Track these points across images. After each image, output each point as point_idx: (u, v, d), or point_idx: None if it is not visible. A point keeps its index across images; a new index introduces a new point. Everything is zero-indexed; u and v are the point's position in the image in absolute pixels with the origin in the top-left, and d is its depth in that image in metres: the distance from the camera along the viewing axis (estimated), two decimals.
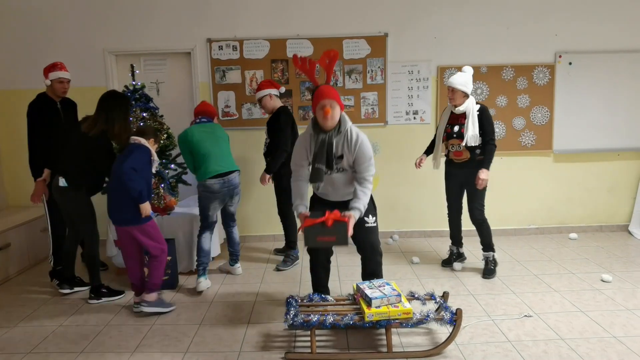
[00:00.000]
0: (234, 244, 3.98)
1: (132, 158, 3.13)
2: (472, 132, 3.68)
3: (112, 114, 3.34)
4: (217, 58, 4.76)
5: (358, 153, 2.82)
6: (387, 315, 2.63)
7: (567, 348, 2.73)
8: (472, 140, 3.68)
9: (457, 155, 3.81)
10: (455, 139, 3.78)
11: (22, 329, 3.14)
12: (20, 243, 4.20)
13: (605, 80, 4.85)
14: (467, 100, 3.72)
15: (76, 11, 4.70)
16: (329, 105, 2.72)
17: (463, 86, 3.66)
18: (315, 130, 2.85)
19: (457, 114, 3.77)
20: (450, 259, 4.13)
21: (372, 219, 3.00)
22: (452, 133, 3.80)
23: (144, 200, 3.15)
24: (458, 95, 3.69)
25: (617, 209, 5.10)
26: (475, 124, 3.68)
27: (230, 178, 3.68)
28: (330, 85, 2.84)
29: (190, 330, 3.07)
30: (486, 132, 3.70)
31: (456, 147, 3.79)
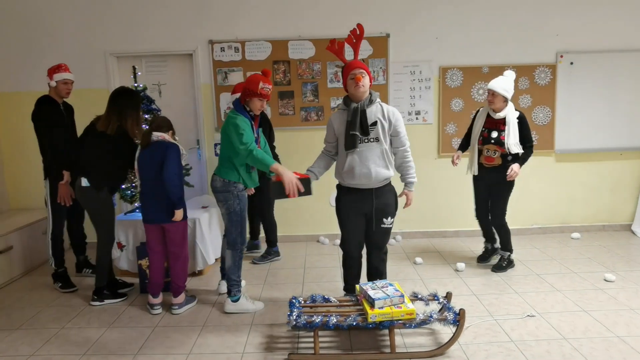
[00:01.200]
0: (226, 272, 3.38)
1: (171, 161, 3.15)
2: (513, 140, 3.67)
3: (124, 109, 3.36)
4: (219, 59, 4.77)
5: (395, 122, 2.93)
6: (390, 316, 2.62)
7: (570, 348, 2.73)
8: (515, 148, 3.68)
9: (488, 161, 3.81)
10: (492, 145, 3.76)
11: (24, 332, 3.14)
12: (22, 245, 4.21)
13: (607, 79, 4.84)
14: (506, 106, 3.70)
15: (78, 13, 4.71)
16: (359, 73, 2.83)
17: (504, 91, 3.63)
18: (347, 104, 2.94)
19: (496, 119, 3.74)
20: (485, 255, 4.17)
21: (389, 220, 3.03)
22: (489, 138, 3.77)
23: (181, 206, 3.21)
24: (498, 99, 3.67)
25: (620, 208, 5.09)
26: (515, 131, 3.68)
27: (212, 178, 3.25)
28: (358, 60, 2.96)
29: (193, 332, 3.07)
30: (526, 139, 3.74)
31: (491, 152, 3.77)
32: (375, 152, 2.88)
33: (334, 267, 4.17)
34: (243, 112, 3.11)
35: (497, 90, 3.63)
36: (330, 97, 4.82)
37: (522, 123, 3.72)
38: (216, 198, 3.23)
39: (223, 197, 3.18)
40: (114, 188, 3.55)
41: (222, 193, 3.18)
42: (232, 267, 3.28)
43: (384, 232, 3.04)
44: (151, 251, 3.34)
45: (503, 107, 3.70)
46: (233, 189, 3.16)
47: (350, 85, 2.89)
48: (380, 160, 2.89)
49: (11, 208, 4.97)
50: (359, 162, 2.87)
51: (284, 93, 4.81)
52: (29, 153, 4.70)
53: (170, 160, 3.15)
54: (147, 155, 3.20)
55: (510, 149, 3.68)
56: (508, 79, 3.67)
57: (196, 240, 3.94)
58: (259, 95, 3.08)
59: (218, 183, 3.18)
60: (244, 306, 3.33)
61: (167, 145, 3.21)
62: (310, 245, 4.90)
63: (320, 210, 4.93)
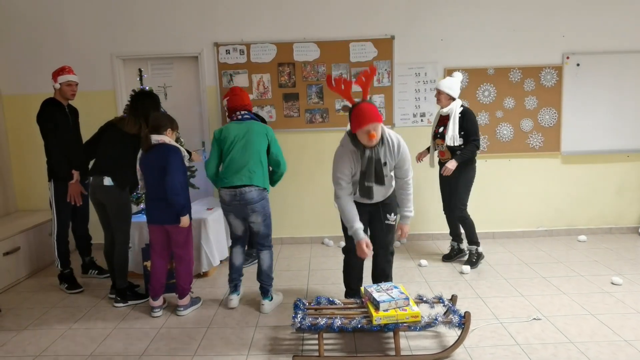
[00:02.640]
0: (261, 274, 3.39)
1: (174, 168, 3.12)
2: (451, 132, 3.90)
3: (149, 110, 3.41)
4: (224, 62, 4.78)
5: (400, 158, 2.88)
6: (395, 319, 2.62)
7: (577, 351, 2.71)
8: (451, 141, 3.90)
9: (441, 155, 4.10)
10: (439, 139, 4.05)
11: (31, 332, 3.16)
12: (29, 247, 4.24)
13: (614, 81, 4.81)
14: (452, 102, 3.95)
15: (84, 16, 4.75)
16: (373, 130, 2.65)
17: (448, 89, 3.90)
18: (357, 147, 2.79)
19: (443, 115, 4.02)
20: (451, 254, 4.32)
21: (392, 217, 3.07)
22: (437, 134, 4.07)
23: (186, 212, 3.22)
24: (443, 97, 3.94)
25: (627, 210, 5.05)
26: (455, 125, 3.90)
27: (242, 191, 3.20)
28: (369, 103, 2.73)
29: (197, 333, 3.07)
30: (468, 132, 3.91)
31: (440, 147, 4.07)
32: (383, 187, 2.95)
33: (339, 269, 4.15)
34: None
35: (441, 88, 3.92)
36: (335, 99, 4.83)
37: (465, 117, 3.90)
38: (252, 210, 3.23)
39: (261, 205, 3.26)
40: (132, 188, 3.59)
41: (259, 202, 3.25)
42: (271, 266, 3.42)
43: (388, 228, 3.06)
44: (154, 253, 3.34)
45: (449, 104, 3.95)
46: (266, 195, 3.32)
47: (362, 138, 2.71)
48: (388, 187, 2.99)
49: (19, 209, 5.01)
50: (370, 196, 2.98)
51: (289, 95, 4.82)
52: (36, 155, 4.73)
53: (173, 167, 3.13)
54: (150, 158, 3.21)
55: (448, 141, 3.91)
56: (454, 79, 3.93)
57: (201, 242, 3.96)
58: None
59: (255, 194, 3.21)
60: (277, 300, 3.48)
61: (168, 149, 3.18)
62: (315, 247, 4.90)
63: (325, 212, 4.92)
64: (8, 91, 4.87)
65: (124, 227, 3.51)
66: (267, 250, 3.40)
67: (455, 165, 3.88)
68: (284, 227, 5.01)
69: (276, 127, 4.75)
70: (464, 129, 3.89)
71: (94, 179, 3.42)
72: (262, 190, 3.25)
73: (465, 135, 3.90)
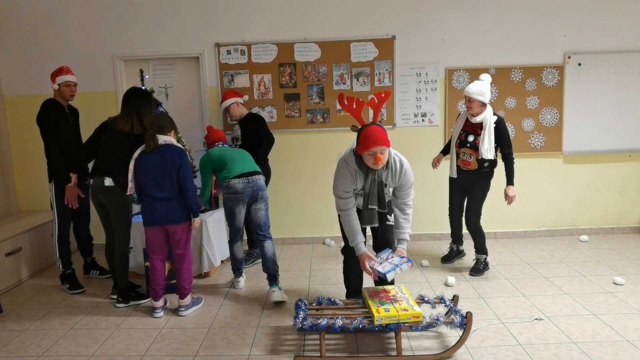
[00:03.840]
0: (267, 261, 3.58)
1: (188, 170, 3.23)
2: (487, 144, 3.65)
3: (141, 108, 3.40)
4: (225, 62, 4.79)
5: (403, 181, 2.83)
6: (396, 319, 2.62)
7: (579, 352, 2.70)
8: (487, 153, 3.66)
9: (465, 164, 3.83)
10: (468, 149, 3.77)
11: (33, 332, 3.17)
12: (31, 247, 4.24)
13: (615, 80, 4.80)
14: (484, 110, 3.68)
15: (85, 17, 4.75)
16: (379, 153, 2.61)
17: (480, 95, 3.61)
18: (361, 168, 2.76)
19: (473, 123, 3.74)
20: (450, 256, 4.27)
21: (392, 218, 3.04)
22: (465, 142, 3.78)
23: (197, 214, 3.30)
24: (475, 104, 3.65)
25: (629, 210, 5.04)
26: (491, 136, 3.66)
27: (254, 179, 3.57)
28: (379, 126, 2.67)
29: (199, 334, 3.07)
30: (503, 145, 3.70)
31: (467, 156, 3.78)
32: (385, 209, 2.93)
33: (340, 270, 4.14)
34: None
35: (473, 95, 3.61)
36: (336, 100, 4.82)
37: (500, 128, 3.68)
38: (261, 196, 3.62)
39: (266, 193, 3.66)
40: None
41: (264, 190, 3.66)
42: (275, 253, 3.65)
43: (389, 229, 3.03)
44: (153, 254, 3.32)
45: (481, 112, 3.68)
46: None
47: (367, 160, 2.67)
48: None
49: (20, 210, 5.02)
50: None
51: (290, 95, 4.82)
52: (38, 155, 4.73)
53: (187, 170, 3.23)
54: (154, 159, 3.19)
55: (484, 154, 3.66)
56: (484, 83, 3.64)
57: (202, 243, 3.96)
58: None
59: (262, 181, 3.65)
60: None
61: (179, 151, 3.23)
62: (316, 248, 4.90)
63: (326, 213, 4.92)
64: (10, 92, 4.88)
65: (125, 228, 3.50)
66: (270, 240, 3.65)
67: (514, 191, 3.80)
68: (285, 228, 5.01)
69: (277, 128, 4.77)
70: (497, 141, 3.70)
71: (95, 180, 3.42)
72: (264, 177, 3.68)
73: (500, 147, 3.72)
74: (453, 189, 4.06)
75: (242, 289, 3.80)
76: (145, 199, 3.26)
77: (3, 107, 4.88)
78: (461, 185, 3.95)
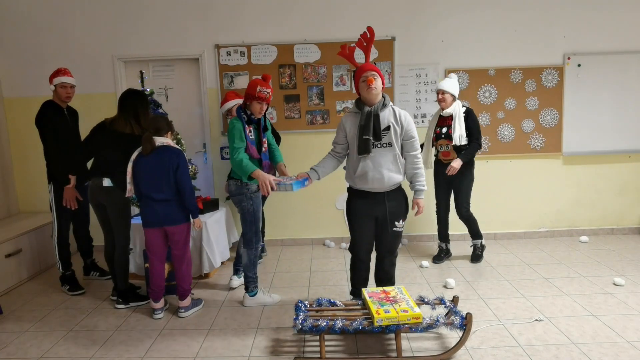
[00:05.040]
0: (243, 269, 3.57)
1: (185, 171, 3.22)
2: (459, 131, 3.99)
3: (137, 109, 3.42)
4: (225, 64, 4.79)
5: (407, 126, 2.91)
6: (396, 320, 2.62)
7: (579, 352, 2.70)
8: (460, 140, 3.99)
9: (445, 156, 4.13)
10: (444, 140, 4.09)
11: (32, 334, 3.17)
12: (31, 248, 4.24)
13: (615, 81, 4.81)
14: (454, 103, 4.05)
15: (85, 19, 4.76)
16: (371, 76, 2.80)
17: (453, 89, 4.01)
18: (359, 107, 2.91)
19: (445, 116, 4.08)
20: (440, 255, 4.38)
21: (401, 224, 3.02)
22: (440, 134, 4.11)
23: (197, 214, 3.30)
24: (448, 97, 4.02)
25: (628, 211, 5.04)
26: (461, 124, 4.00)
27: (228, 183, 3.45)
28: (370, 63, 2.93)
29: (199, 335, 3.07)
30: (472, 132, 4.03)
31: (444, 147, 4.11)
32: (388, 157, 2.88)
33: (340, 271, 4.17)
34: (240, 116, 3.23)
35: (447, 89, 3.99)
36: (335, 101, 4.83)
37: (469, 117, 4.03)
38: (232, 201, 3.38)
39: (237, 199, 3.33)
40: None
41: (236, 196, 3.33)
42: (248, 265, 3.43)
43: (395, 236, 3.02)
44: (153, 255, 3.32)
45: (451, 105, 4.05)
46: (246, 191, 3.29)
47: (362, 88, 2.86)
48: (392, 165, 2.90)
49: (21, 211, 5.02)
50: (372, 167, 2.87)
51: (290, 97, 4.82)
52: (38, 157, 4.73)
53: (185, 171, 3.22)
54: (153, 160, 3.19)
55: (456, 140, 3.99)
56: (453, 80, 4.04)
57: (202, 244, 3.96)
58: (256, 98, 3.19)
59: (232, 187, 3.33)
60: (262, 299, 3.48)
61: (177, 152, 3.23)
62: (316, 249, 4.90)
63: (326, 214, 4.93)
64: (10, 94, 4.88)
65: (125, 229, 3.50)
66: (244, 248, 3.40)
67: (460, 164, 3.96)
68: (285, 229, 5.01)
69: (277, 129, 4.75)
70: (468, 129, 4.02)
71: (93, 181, 3.42)
72: (239, 184, 3.27)
73: (469, 134, 4.02)
74: (439, 186, 4.28)
75: (233, 288, 3.81)
76: (144, 201, 3.25)
77: (3, 109, 4.88)
78: (446, 181, 4.17)
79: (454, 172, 3.97)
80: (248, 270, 3.43)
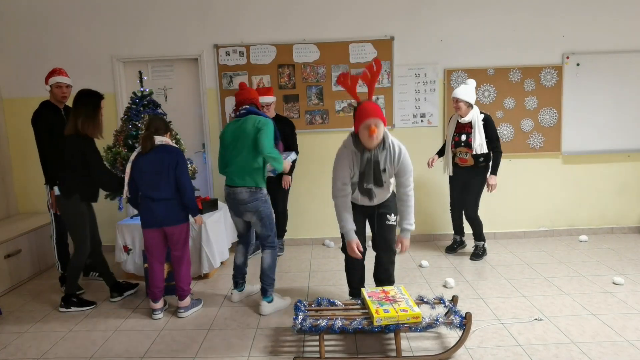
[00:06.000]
0: (262, 272, 3.35)
1: (185, 170, 3.21)
2: (479, 141, 4.04)
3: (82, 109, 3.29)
4: (224, 64, 4.79)
5: (401, 166, 2.87)
6: (395, 320, 2.61)
7: (579, 352, 2.70)
8: (480, 149, 4.04)
9: (462, 162, 4.19)
10: (463, 147, 4.13)
11: (32, 335, 3.16)
12: (30, 249, 4.24)
13: (614, 80, 4.81)
14: (471, 110, 4.06)
15: (84, 19, 4.76)
16: (374, 125, 2.68)
17: (466, 97, 4.01)
18: (357, 147, 2.82)
19: (463, 123, 4.11)
20: (453, 246, 4.56)
21: (393, 217, 3.06)
22: (460, 142, 4.15)
23: (197, 212, 3.32)
24: (462, 105, 4.03)
25: (628, 210, 5.04)
26: (481, 133, 4.05)
27: (234, 191, 3.26)
28: (373, 102, 2.80)
29: (199, 335, 3.07)
30: (491, 139, 4.07)
31: (463, 154, 4.16)
32: (384, 188, 2.97)
33: (340, 271, 4.17)
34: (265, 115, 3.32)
35: (460, 97, 4.01)
36: (335, 100, 4.83)
37: (487, 124, 4.06)
38: (245, 209, 3.26)
39: (253, 206, 3.25)
40: (87, 196, 3.41)
41: (251, 203, 3.24)
42: (272, 267, 3.36)
43: (390, 230, 3.06)
44: (152, 256, 3.32)
45: (468, 112, 4.06)
46: (261, 196, 3.26)
47: (363, 134, 2.75)
48: (385, 193, 3.01)
49: (20, 212, 5.01)
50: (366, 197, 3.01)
51: (289, 97, 4.82)
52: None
53: (184, 169, 3.21)
54: (153, 160, 3.17)
55: (477, 149, 4.04)
56: (469, 87, 4.04)
57: (202, 244, 3.95)
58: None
59: (245, 195, 3.22)
60: (279, 304, 3.42)
61: (176, 151, 3.22)
62: (316, 249, 4.90)
63: (325, 214, 4.92)
64: (9, 94, 4.88)
65: (78, 236, 3.41)
66: (268, 250, 3.36)
67: (496, 180, 4.13)
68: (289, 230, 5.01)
69: None
70: (487, 136, 4.06)
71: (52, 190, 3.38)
72: (254, 190, 3.23)
73: (488, 142, 4.06)
74: (453, 186, 4.38)
75: (235, 301, 3.58)
76: (142, 201, 3.24)
77: (2, 110, 4.88)
78: (460, 181, 4.26)
79: (495, 188, 4.13)
80: (271, 272, 3.34)
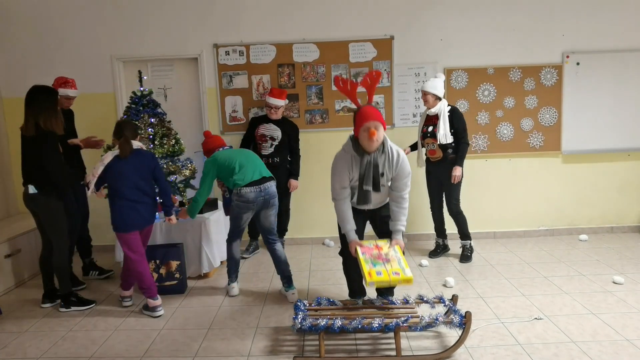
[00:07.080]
0: (281, 263, 3.58)
1: (163, 173, 3.45)
2: (442, 130, 4.06)
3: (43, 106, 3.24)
4: (224, 63, 4.79)
5: (399, 171, 2.87)
6: (387, 283, 2.66)
7: (579, 351, 2.70)
8: (444, 138, 4.06)
9: (431, 154, 4.21)
10: (430, 138, 4.16)
11: (32, 334, 3.17)
12: (30, 249, 4.24)
13: (614, 79, 4.80)
14: (439, 102, 4.10)
15: (84, 19, 4.75)
16: (373, 127, 2.69)
17: (433, 89, 4.06)
18: (357, 151, 2.82)
19: (431, 115, 4.15)
20: (437, 251, 4.46)
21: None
22: (427, 133, 4.18)
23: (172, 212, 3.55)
24: (430, 97, 4.08)
25: (628, 209, 5.04)
26: (446, 123, 4.06)
27: (267, 186, 3.46)
28: (372, 106, 2.80)
29: (198, 335, 3.07)
30: (457, 130, 4.08)
31: (430, 145, 4.18)
32: (382, 192, 2.97)
33: (339, 270, 4.14)
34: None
35: (427, 89, 4.07)
36: (334, 100, 4.83)
37: (453, 115, 4.09)
38: (272, 204, 3.56)
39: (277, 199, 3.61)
40: (59, 192, 3.39)
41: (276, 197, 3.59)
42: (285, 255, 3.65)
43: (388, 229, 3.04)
44: (140, 256, 3.35)
45: (436, 104, 4.10)
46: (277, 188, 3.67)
47: (362, 137, 2.75)
48: (383, 197, 3.01)
49: (19, 212, 5.01)
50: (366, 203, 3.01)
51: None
52: None
53: (162, 171, 3.45)
54: (131, 163, 3.26)
55: (440, 139, 4.06)
56: (437, 80, 4.09)
57: (202, 243, 3.96)
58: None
59: (275, 188, 3.59)
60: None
61: (151, 155, 3.42)
62: (316, 248, 4.90)
63: (325, 213, 4.92)
64: (9, 94, 4.88)
65: (59, 234, 3.40)
66: (279, 242, 3.65)
67: (460, 170, 4.10)
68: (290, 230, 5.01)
69: None
70: (453, 127, 4.07)
71: (24, 189, 3.33)
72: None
73: (455, 133, 4.08)
74: (430, 184, 4.37)
75: (236, 295, 3.67)
76: (125, 203, 3.25)
77: (2, 109, 4.88)
78: (436, 178, 4.27)
79: (458, 179, 4.10)
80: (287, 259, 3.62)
